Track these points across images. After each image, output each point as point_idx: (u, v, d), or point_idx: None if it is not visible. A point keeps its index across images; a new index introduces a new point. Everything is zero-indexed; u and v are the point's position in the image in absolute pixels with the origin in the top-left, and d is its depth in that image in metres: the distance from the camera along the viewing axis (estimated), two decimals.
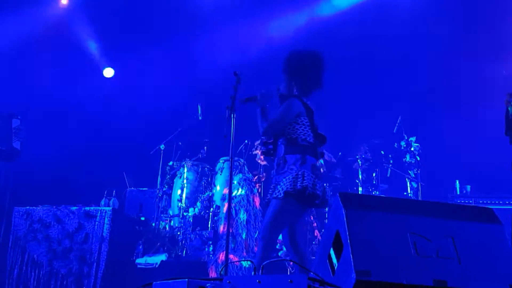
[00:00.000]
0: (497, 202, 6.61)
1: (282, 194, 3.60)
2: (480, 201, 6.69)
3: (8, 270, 5.25)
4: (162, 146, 6.97)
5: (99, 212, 5.35)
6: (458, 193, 6.98)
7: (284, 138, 3.77)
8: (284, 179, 3.64)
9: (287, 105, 3.77)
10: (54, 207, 5.44)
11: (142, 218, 6.29)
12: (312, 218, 6.21)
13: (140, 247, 5.82)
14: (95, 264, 5.14)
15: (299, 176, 3.61)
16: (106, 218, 5.30)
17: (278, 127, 3.75)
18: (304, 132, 3.78)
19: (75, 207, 5.40)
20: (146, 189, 7.22)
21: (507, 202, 6.60)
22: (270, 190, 3.77)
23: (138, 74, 8.17)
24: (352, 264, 2.12)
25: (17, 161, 5.96)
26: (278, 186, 3.64)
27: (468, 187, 7.01)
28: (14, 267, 5.24)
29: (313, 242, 6.08)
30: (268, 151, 3.93)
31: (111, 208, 5.45)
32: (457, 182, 7.04)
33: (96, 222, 5.29)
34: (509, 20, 7.37)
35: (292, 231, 3.72)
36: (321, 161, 7.35)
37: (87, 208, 5.39)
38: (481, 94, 7.30)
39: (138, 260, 5.60)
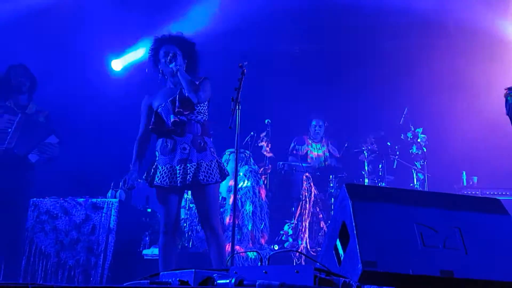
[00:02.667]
0: (504, 193, 6.59)
1: (220, 179, 3.78)
2: (487, 192, 6.68)
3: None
4: None
5: (106, 203, 5.37)
6: (464, 184, 6.96)
7: (200, 116, 3.87)
8: (209, 161, 3.78)
9: (210, 85, 3.91)
10: (61, 198, 5.46)
11: (149, 210, 6.29)
12: (318, 210, 6.21)
13: (147, 238, 5.83)
14: (102, 255, 5.16)
15: (220, 160, 3.92)
16: (113, 210, 5.33)
17: (201, 101, 3.83)
18: (209, 119, 3.96)
19: (82, 199, 5.42)
20: None
21: None
22: (204, 173, 3.75)
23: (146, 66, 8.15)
24: (359, 254, 2.11)
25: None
26: (209, 169, 3.74)
27: (475, 178, 6.98)
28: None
29: (319, 234, 6.08)
30: (183, 123, 3.82)
31: (117, 199, 5.46)
32: (464, 173, 7.01)
33: (103, 214, 5.31)
34: None
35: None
36: (327, 153, 7.42)
37: (94, 200, 5.41)
38: (487, 84, 7.25)
39: (145, 251, 5.62)
